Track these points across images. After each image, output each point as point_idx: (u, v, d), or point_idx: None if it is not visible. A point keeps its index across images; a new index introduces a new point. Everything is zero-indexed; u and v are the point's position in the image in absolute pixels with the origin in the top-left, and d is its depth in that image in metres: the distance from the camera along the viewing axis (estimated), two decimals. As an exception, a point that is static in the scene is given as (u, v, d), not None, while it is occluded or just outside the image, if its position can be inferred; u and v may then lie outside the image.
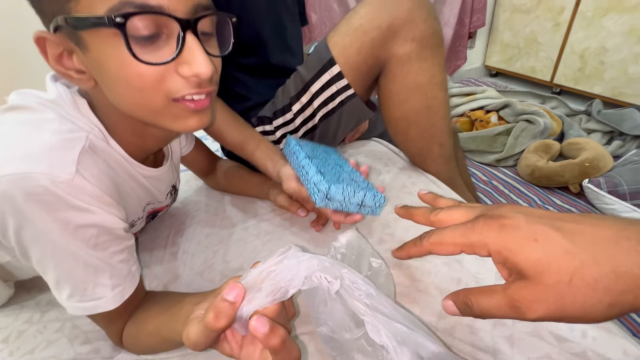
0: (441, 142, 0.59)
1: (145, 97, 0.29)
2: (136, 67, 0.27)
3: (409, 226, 0.53)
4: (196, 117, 0.32)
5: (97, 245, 0.31)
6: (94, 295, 0.32)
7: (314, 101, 0.56)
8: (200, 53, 0.28)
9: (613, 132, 1.29)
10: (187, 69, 0.29)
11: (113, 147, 0.35)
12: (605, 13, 1.47)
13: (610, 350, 0.35)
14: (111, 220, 0.32)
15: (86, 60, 0.29)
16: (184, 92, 0.30)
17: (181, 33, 0.28)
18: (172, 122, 0.32)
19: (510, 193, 1.15)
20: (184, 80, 0.29)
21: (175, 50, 0.28)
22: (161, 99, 0.30)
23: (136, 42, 0.27)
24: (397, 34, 0.47)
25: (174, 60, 0.28)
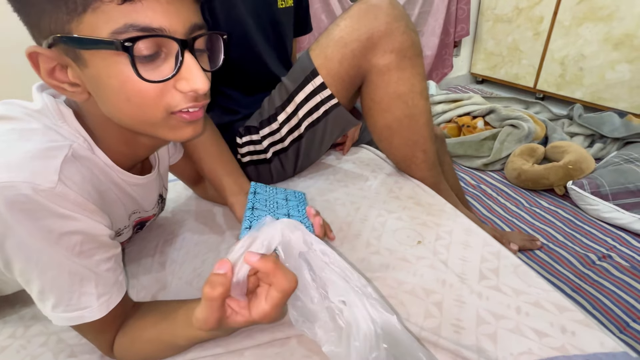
0: (424, 149, 0.61)
1: (145, 112, 0.31)
2: (138, 85, 0.29)
3: (397, 229, 0.55)
4: (191, 127, 0.34)
5: (82, 253, 0.31)
6: (79, 304, 0.32)
7: (299, 111, 0.57)
8: (197, 70, 0.30)
9: (594, 135, 1.33)
10: (186, 84, 0.31)
11: (98, 155, 0.36)
12: (581, 22, 1.54)
13: (587, 343, 0.36)
14: (95, 227, 0.32)
15: (83, 75, 0.30)
16: (182, 106, 0.32)
17: (180, 52, 0.30)
18: (168, 132, 0.34)
19: (498, 196, 1.17)
20: (182, 95, 0.31)
21: (174, 68, 0.30)
22: (160, 112, 0.31)
23: (138, 62, 0.28)
24: (376, 45, 0.49)
25: (173, 77, 0.30)
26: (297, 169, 0.69)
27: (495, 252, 0.48)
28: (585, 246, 0.94)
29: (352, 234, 0.54)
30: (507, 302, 0.42)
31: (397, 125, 0.56)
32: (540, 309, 0.41)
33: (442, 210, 0.57)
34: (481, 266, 0.47)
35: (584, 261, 0.88)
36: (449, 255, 0.49)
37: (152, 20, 0.28)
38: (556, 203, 1.11)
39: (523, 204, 1.12)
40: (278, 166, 0.66)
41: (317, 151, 0.67)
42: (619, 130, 1.25)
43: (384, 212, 0.59)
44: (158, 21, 0.28)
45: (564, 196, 1.13)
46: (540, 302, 0.41)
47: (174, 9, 0.29)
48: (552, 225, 1.02)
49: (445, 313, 0.41)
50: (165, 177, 0.55)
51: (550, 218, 1.05)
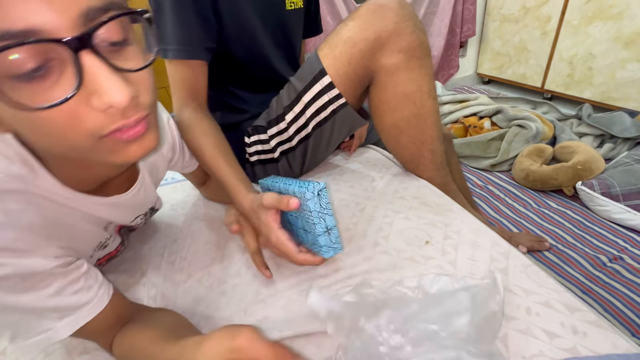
0: (432, 149, 0.60)
1: (65, 140, 0.23)
2: (40, 115, 0.21)
3: (404, 229, 0.54)
4: (135, 145, 0.26)
5: (31, 288, 0.28)
6: (39, 328, 0.30)
7: (307, 110, 0.58)
8: (106, 77, 0.22)
9: (604, 136, 1.31)
10: (98, 100, 0.22)
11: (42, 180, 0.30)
12: (590, 21, 1.52)
13: (599, 345, 0.36)
14: (32, 264, 0.28)
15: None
16: (110, 128, 0.24)
17: (74, 57, 0.21)
18: (109, 156, 0.26)
19: (506, 197, 1.16)
20: (103, 114, 0.23)
21: (74, 82, 0.21)
22: (86, 138, 0.24)
23: (22, 81, 0.20)
24: (384, 45, 0.49)
25: (75, 95, 0.21)
26: (304, 168, 0.70)
27: (504, 252, 0.48)
28: (595, 247, 0.92)
29: (358, 234, 0.54)
30: (517, 303, 0.41)
31: (405, 125, 0.56)
32: (551, 310, 0.40)
33: (450, 210, 0.57)
34: (490, 266, 0.46)
35: (595, 263, 0.87)
36: (457, 255, 0.49)
37: (16, 19, 0.19)
38: (565, 204, 1.09)
39: (531, 204, 1.11)
40: (285, 166, 0.67)
41: (324, 151, 0.67)
42: (630, 130, 1.23)
43: (391, 212, 0.59)
44: (26, 19, 0.19)
45: (573, 197, 1.11)
46: (551, 302, 0.41)
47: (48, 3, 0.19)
48: (561, 226, 1.01)
49: (454, 313, 0.41)
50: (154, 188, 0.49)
51: (559, 219, 1.03)
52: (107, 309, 0.35)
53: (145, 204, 0.48)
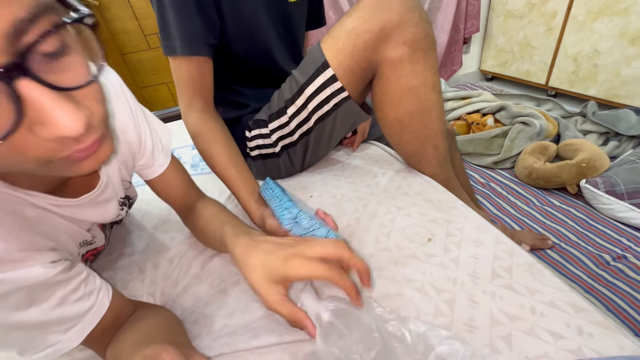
0: (435, 144, 0.59)
1: (11, 167, 0.21)
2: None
3: (406, 226, 0.53)
4: (89, 160, 0.23)
5: (35, 301, 0.27)
6: (46, 343, 0.29)
7: (309, 104, 0.56)
8: (53, 106, 0.18)
9: (609, 133, 1.30)
10: (45, 131, 0.19)
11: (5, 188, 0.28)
12: (596, 17, 1.49)
13: (606, 346, 0.35)
14: (33, 273, 0.27)
15: None
16: (62, 155, 0.21)
17: (8, 86, 0.17)
18: (63, 171, 0.24)
19: (508, 195, 1.15)
20: (52, 142, 0.20)
21: (12, 113, 0.17)
22: (34, 165, 0.21)
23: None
24: (389, 37, 0.48)
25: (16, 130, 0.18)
26: (305, 164, 0.69)
27: (508, 250, 0.47)
28: (599, 246, 0.91)
29: (360, 230, 0.53)
30: (521, 302, 0.40)
31: (408, 119, 0.55)
32: (555, 309, 0.39)
33: (452, 207, 0.56)
34: (494, 264, 0.45)
35: (598, 262, 0.86)
36: (460, 253, 0.48)
37: None
38: (568, 202, 1.08)
39: (534, 202, 1.10)
40: (286, 161, 0.66)
41: (326, 146, 0.66)
42: (635, 128, 1.22)
43: (393, 208, 0.58)
44: None
45: (576, 195, 1.10)
46: (556, 302, 0.40)
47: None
48: (564, 224, 1.00)
49: (457, 312, 0.40)
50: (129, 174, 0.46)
51: (563, 217, 1.02)
52: (107, 313, 0.34)
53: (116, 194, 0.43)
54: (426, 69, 0.51)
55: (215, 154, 0.53)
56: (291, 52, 0.68)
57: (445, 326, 0.39)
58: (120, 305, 0.37)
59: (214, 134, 0.53)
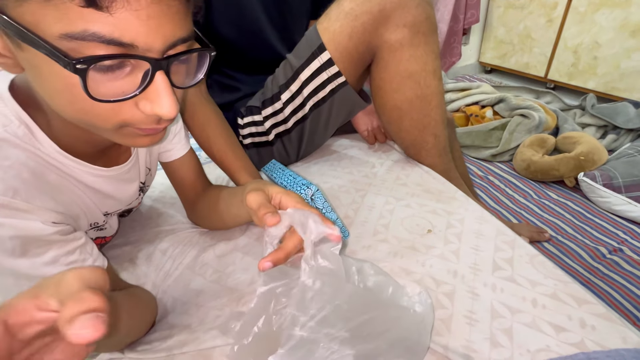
0: (436, 133, 0.57)
1: (91, 119, 0.26)
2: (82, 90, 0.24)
3: (405, 217, 0.52)
4: (148, 138, 0.30)
5: (28, 252, 0.28)
6: None
7: (304, 89, 0.54)
8: (167, 95, 0.25)
9: (607, 126, 1.29)
10: (149, 107, 0.26)
11: (42, 143, 0.30)
12: (597, 8, 1.47)
13: (608, 339, 0.34)
14: (32, 227, 0.28)
15: (17, 53, 0.24)
16: (140, 126, 0.28)
17: (150, 71, 0.25)
18: (120, 139, 0.29)
19: (506, 188, 1.14)
20: (142, 115, 0.27)
21: (139, 86, 0.25)
22: (113, 125, 0.27)
23: (94, 72, 0.23)
24: (388, 18, 0.46)
25: (135, 96, 0.25)
26: (300, 153, 0.66)
27: (509, 242, 0.46)
28: (595, 239, 0.91)
29: (358, 221, 0.52)
30: (522, 294, 0.39)
31: (408, 107, 0.53)
32: (557, 302, 0.38)
33: (453, 198, 0.55)
34: (495, 256, 0.44)
35: (594, 254, 0.86)
36: (460, 244, 0.46)
37: (123, 33, 0.22)
38: (566, 195, 1.08)
39: (531, 195, 1.09)
40: (281, 150, 0.63)
41: (322, 135, 0.64)
42: (634, 121, 1.21)
43: (392, 199, 0.56)
44: (130, 36, 0.22)
45: (574, 188, 1.10)
46: (558, 294, 0.39)
47: (155, 24, 0.23)
48: (561, 217, 0.99)
49: (457, 304, 0.39)
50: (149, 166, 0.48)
51: (560, 210, 1.02)
52: None
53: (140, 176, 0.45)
54: (427, 54, 0.49)
55: (211, 136, 0.51)
56: (284, 36, 0.65)
57: (445, 319, 0.37)
58: (112, 282, 0.36)
59: (209, 117, 0.51)
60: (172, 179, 0.51)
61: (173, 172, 0.50)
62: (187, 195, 0.52)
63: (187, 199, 0.53)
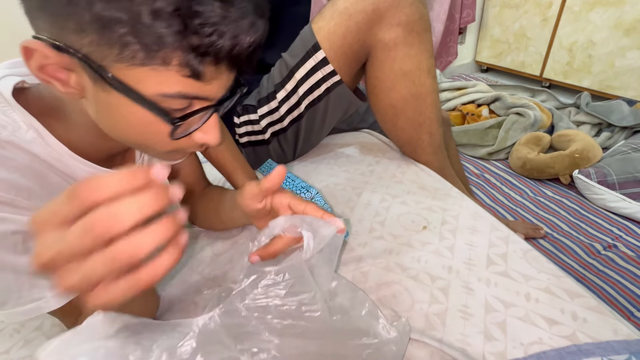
0: (430, 131, 0.58)
1: (150, 144, 0.30)
2: (161, 129, 0.28)
3: (401, 214, 0.52)
4: (181, 155, 0.36)
5: (29, 250, 0.28)
6: (31, 296, 0.30)
7: (299, 88, 0.54)
8: (216, 129, 0.31)
9: (601, 124, 1.30)
10: (202, 137, 0.31)
11: (52, 146, 0.31)
12: (592, 7, 1.48)
13: (600, 331, 0.35)
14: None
15: (93, 91, 0.26)
16: (190, 151, 0.33)
17: (210, 113, 0.30)
18: (162, 156, 0.33)
19: (502, 186, 1.15)
20: (193, 142, 0.31)
21: (199, 122, 0.30)
22: (166, 148, 0.31)
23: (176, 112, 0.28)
24: (382, 18, 0.46)
25: (193, 131, 0.30)
26: (297, 152, 0.67)
27: (503, 237, 0.47)
28: (590, 236, 0.92)
29: (354, 219, 0.52)
30: (516, 289, 0.40)
31: (403, 105, 0.53)
32: (550, 295, 0.39)
33: (448, 195, 0.55)
34: (489, 251, 0.45)
35: (589, 251, 0.87)
36: (455, 240, 0.47)
37: (204, 92, 0.27)
38: (561, 192, 1.08)
39: (527, 193, 1.10)
40: (277, 148, 0.64)
41: (318, 134, 0.64)
42: (628, 119, 1.22)
43: (388, 196, 0.57)
44: (206, 92, 0.27)
45: (569, 185, 1.11)
46: (551, 288, 0.40)
47: (224, 85, 0.29)
48: (556, 214, 1.00)
49: (452, 299, 0.39)
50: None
51: (555, 207, 1.03)
52: None
53: None
54: (421, 52, 0.49)
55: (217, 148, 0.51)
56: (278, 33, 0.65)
57: (440, 313, 0.38)
58: None
59: None
60: (171, 180, 0.51)
61: (174, 173, 0.50)
62: (186, 196, 0.52)
63: (186, 199, 0.53)
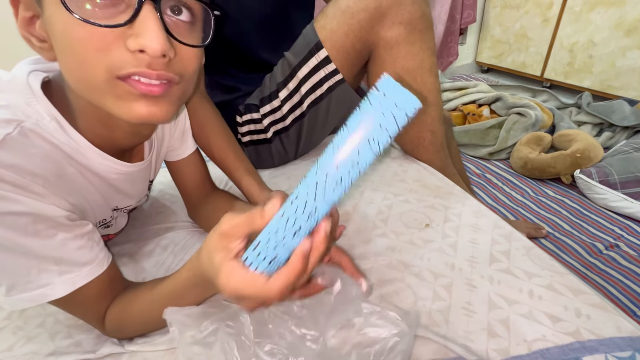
0: (432, 130, 0.58)
1: (86, 69, 0.26)
2: (79, 29, 0.25)
3: (404, 212, 0.53)
4: (143, 102, 0.28)
5: (39, 233, 0.29)
6: (39, 281, 0.30)
7: (302, 87, 0.55)
8: (154, 26, 0.25)
9: (603, 124, 1.30)
10: (134, 40, 0.25)
11: (72, 137, 0.32)
12: (592, 7, 1.49)
13: (603, 328, 0.35)
14: (45, 208, 0.29)
15: (44, 25, 0.27)
16: (129, 70, 0.26)
17: (138, 2, 0.25)
18: (114, 103, 0.28)
19: (503, 186, 1.15)
20: (131, 55, 0.26)
21: (128, 16, 0.25)
22: (102, 72, 0.26)
23: (87, 2, 0.25)
24: (384, 16, 0.46)
25: (120, 26, 0.25)
26: (299, 151, 0.67)
27: (506, 235, 0.47)
28: (592, 235, 0.92)
29: (358, 217, 0.52)
30: (519, 286, 0.40)
31: (405, 104, 0.54)
32: (553, 292, 0.39)
33: (450, 193, 0.55)
34: (492, 249, 0.45)
35: (591, 250, 0.87)
36: (458, 238, 0.47)
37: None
38: (563, 192, 1.08)
39: (529, 193, 1.10)
40: (279, 147, 0.64)
41: (320, 133, 0.64)
42: (629, 119, 1.22)
43: (390, 195, 0.57)
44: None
45: (570, 185, 1.11)
46: (554, 285, 0.40)
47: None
48: (558, 214, 1.00)
49: (455, 296, 0.39)
50: (158, 164, 0.49)
51: (557, 207, 1.03)
52: (104, 274, 0.34)
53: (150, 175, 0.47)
54: (423, 51, 0.49)
55: (210, 135, 0.51)
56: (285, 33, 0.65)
57: (443, 310, 0.38)
58: (117, 273, 0.37)
59: (208, 116, 0.52)
60: (176, 179, 0.52)
61: (178, 172, 0.50)
62: (190, 196, 0.52)
63: (190, 199, 0.53)
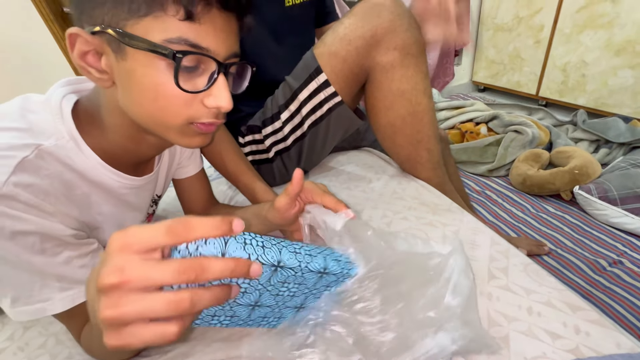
0: (429, 148, 0.60)
1: (166, 115, 0.33)
2: (170, 90, 0.31)
3: (402, 230, 0.53)
4: (200, 137, 0.36)
5: (45, 251, 0.31)
6: (40, 296, 0.32)
7: (302, 109, 0.57)
8: (226, 91, 0.33)
9: (599, 141, 1.32)
10: (213, 101, 0.33)
11: (87, 156, 0.35)
12: (581, 30, 1.55)
13: (603, 344, 0.34)
14: (52, 227, 0.31)
15: (116, 66, 0.31)
16: (203, 120, 0.34)
17: (216, 72, 0.32)
18: (178, 138, 0.35)
19: (504, 202, 1.16)
20: (206, 109, 0.34)
21: (207, 83, 0.33)
22: (181, 120, 0.33)
23: (179, 71, 0.31)
24: (380, 42, 0.49)
25: (204, 91, 0.33)
26: (300, 170, 0.69)
27: (503, 251, 0.47)
28: (595, 252, 0.91)
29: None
30: (518, 303, 0.40)
31: (401, 123, 0.56)
32: (552, 309, 0.39)
33: (448, 210, 0.56)
34: (490, 265, 0.45)
35: (595, 267, 0.86)
36: (455, 254, 0.47)
37: (203, 40, 0.31)
38: (563, 208, 1.09)
39: (529, 209, 1.10)
40: (280, 167, 0.66)
41: (320, 152, 0.66)
42: (625, 135, 1.24)
43: (389, 212, 0.58)
44: (207, 42, 0.31)
45: (570, 201, 1.11)
46: (552, 301, 0.40)
47: (223, 36, 0.32)
48: (559, 230, 1.00)
49: (454, 313, 0.39)
50: (166, 179, 0.51)
51: (558, 223, 1.03)
52: None
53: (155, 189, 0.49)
54: (417, 74, 0.52)
55: (223, 150, 0.54)
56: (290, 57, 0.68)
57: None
58: None
59: (219, 134, 0.55)
60: (182, 196, 0.56)
61: (184, 189, 0.55)
62: (194, 212, 0.55)
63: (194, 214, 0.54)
